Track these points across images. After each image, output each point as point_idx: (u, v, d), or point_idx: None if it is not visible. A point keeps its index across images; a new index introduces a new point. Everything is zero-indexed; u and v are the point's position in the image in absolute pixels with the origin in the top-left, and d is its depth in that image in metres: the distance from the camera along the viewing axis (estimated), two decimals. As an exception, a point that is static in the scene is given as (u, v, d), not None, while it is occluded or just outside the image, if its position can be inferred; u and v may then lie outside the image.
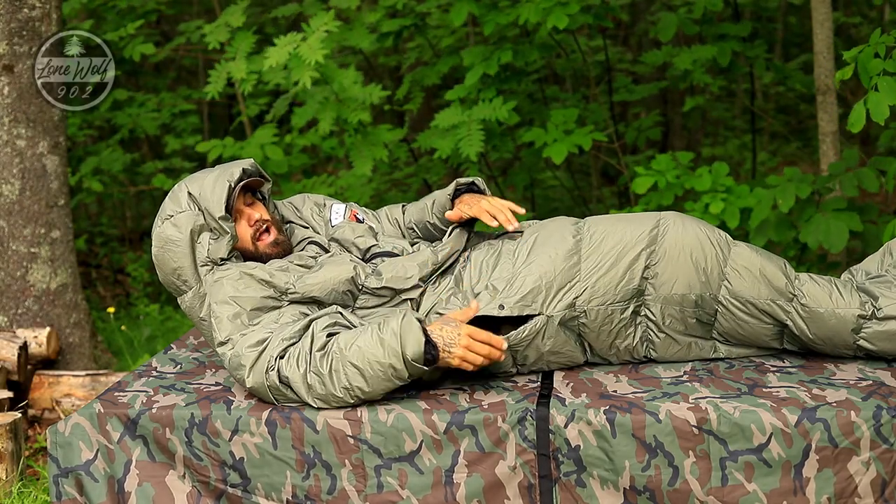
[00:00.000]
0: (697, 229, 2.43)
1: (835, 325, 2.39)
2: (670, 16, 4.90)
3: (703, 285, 2.40)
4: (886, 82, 2.89)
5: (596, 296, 2.40)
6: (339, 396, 2.24)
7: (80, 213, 6.56)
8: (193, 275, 2.48)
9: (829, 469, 2.14)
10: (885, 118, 2.86)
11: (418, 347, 2.18)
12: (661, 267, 2.40)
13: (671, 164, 4.34)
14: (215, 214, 2.48)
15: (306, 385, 2.26)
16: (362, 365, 2.21)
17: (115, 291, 5.98)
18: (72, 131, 6.00)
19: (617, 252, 2.41)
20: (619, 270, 2.40)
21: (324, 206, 2.81)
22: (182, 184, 2.56)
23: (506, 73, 4.78)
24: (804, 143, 8.00)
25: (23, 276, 3.89)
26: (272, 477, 2.27)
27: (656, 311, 2.42)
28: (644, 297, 2.42)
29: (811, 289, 2.41)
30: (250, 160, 2.65)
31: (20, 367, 3.53)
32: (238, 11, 4.59)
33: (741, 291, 2.40)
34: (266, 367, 2.29)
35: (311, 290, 2.44)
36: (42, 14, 3.90)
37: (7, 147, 3.86)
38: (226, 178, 2.53)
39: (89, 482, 2.31)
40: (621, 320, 2.42)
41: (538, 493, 2.21)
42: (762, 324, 2.43)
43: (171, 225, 2.49)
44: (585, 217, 2.60)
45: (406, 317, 2.23)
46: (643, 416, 2.18)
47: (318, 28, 4.09)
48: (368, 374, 2.22)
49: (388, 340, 2.21)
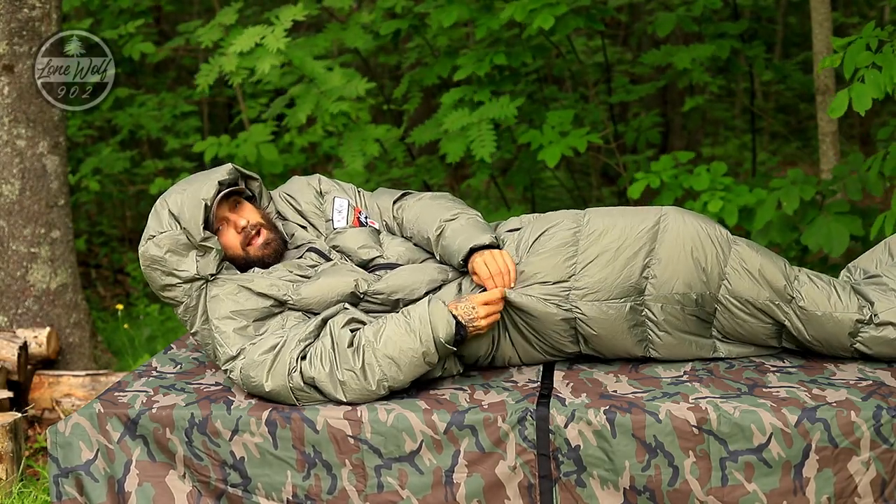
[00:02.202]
0: (699, 226, 2.42)
1: (832, 328, 2.39)
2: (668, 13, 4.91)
3: (703, 284, 2.40)
4: (873, 75, 2.90)
5: (591, 291, 2.40)
6: (372, 390, 2.26)
7: (80, 214, 6.56)
8: (182, 292, 2.47)
9: (829, 469, 2.14)
10: (866, 109, 2.88)
11: (450, 329, 2.28)
12: (662, 266, 2.40)
13: (670, 163, 4.35)
14: (195, 237, 2.47)
15: (335, 382, 2.26)
16: (396, 355, 2.25)
17: (115, 291, 5.98)
18: (71, 131, 6.00)
19: (615, 248, 2.41)
20: (616, 267, 2.40)
21: (322, 196, 2.73)
22: (163, 200, 2.53)
23: (502, 75, 4.78)
24: (804, 143, 8.00)
25: (23, 276, 3.89)
26: (272, 477, 2.27)
27: (656, 310, 2.42)
28: (644, 296, 2.41)
29: (810, 291, 2.41)
30: (228, 166, 2.61)
31: (20, 367, 3.53)
32: (232, 11, 4.65)
33: (741, 291, 2.40)
34: (288, 369, 2.28)
35: (308, 302, 2.44)
36: (42, 14, 3.90)
37: (7, 147, 3.86)
38: (200, 196, 2.49)
39: (89, 482, 2.31)
40: (618, 317, 2.41)
41: (538, 493, 2.21)
42: (760, 322, 2.43)
43: (154, 245, 2.47)
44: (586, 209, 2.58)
45: (432, 303, 2.31)
46: (643, 416, 2.18)
47: (286, 19, 4.23)
48: (403, 363, 2.26)
49: (418, 328, 2.27)
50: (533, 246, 2.46)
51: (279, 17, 4.30)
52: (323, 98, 4.40)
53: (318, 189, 2.75)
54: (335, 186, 2.76)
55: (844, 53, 3.00)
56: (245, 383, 2.35)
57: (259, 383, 2.31)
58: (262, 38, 4.19)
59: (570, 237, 2.44)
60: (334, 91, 4.40)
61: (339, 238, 2.62)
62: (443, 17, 4.50)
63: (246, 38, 4.23)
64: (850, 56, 2.98)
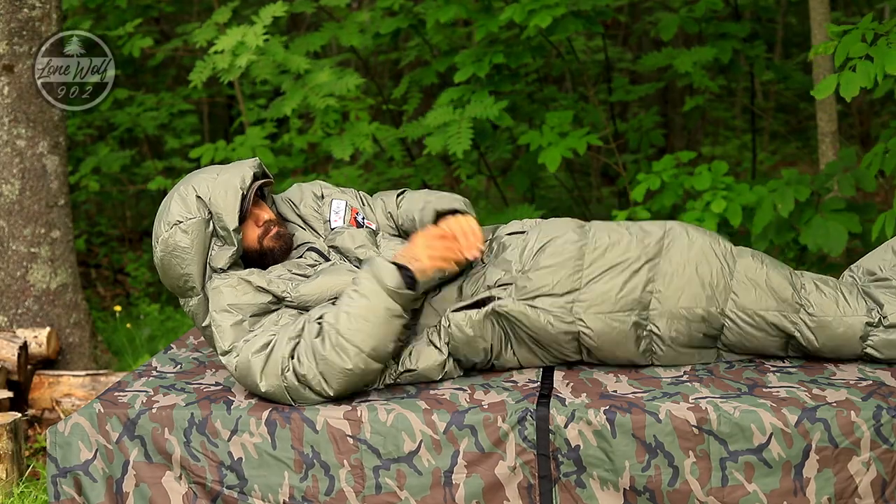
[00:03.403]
0: (703, 242, 2.42)
1: (843, 332, 2.38)
2: (671, 15, 4.90)
3: (709, 299, 2.38)
4: (865, 66, 2.92)
5: (595, 303, 2.39)
6: (350, 368, 2.25)
7: (80, 214, 6.56)
8: (201, 281, 2.47)
9: (830, 469, 2.13)
10: (852, 97, 2.92)
11: (394, 275, 2.27)
12: (666, 281, 2.39)
13: (671, 163, 4.34)
14: (229, 225, 2.45)
15: (320, 377, 2.25)
16: (359, 324, 2.24)
17: (115, 291, 5.98)
18: (71, 131, 5.99)
19: (620, 262, 2.40)
20: (620, 280, 2.39)
21: (321, 199, 2.74)
22: (189, 185, 2.49)
23: (500, 75, 4.79)
24: (804, 143, 8.00)
25: (23, 276, 3.89)
26: (270, 478, 2.27)
27: (662, 325, 2.40)
28: (649, 311, 2.40)
29: (817, 298, 2.40)
30: (255, 160, 2.61)
31: (20, 367, 3.53)
32: (227, 10, 4.70)
33: (748, 304, 2.39)
34: (280, 368, 2.28)
35: (307, 300, 2.44)
36: (42, 14, 3.90)
37: (7, 147, 3.86)
38: (237, 183, 2.48)
39: (88, 482, 2.31)
40: (622, 330, 2.40)
41: (538, 494, 2.21)
42: (769, 336, 2.42)
43: (181, 231, 2.43)
44: (590, 221, 2.58)
45: (368, 262, 2.34)
46: (643, 416, 2.18)
47: (266, 17, 4.34)
48: (369, 328, 2.24)
49: (367, 289, 2.27)
50: (537, 257, 2.45)
51: (259, 14, 4.40)
52: (311, 94, 4.43)
53: (317, 194, 2.76)
54: (335, 190, 2.78)
55: (839, 42, 3.01)
56: (241, 382, 2.36)
57: (254, 383, 2.31)
58: (243, 36, 4.29)
59: (576, 251, 2.43)
60: (323, 87, 4.44)
61: (336, 238, 2.63)
62: (439, 13, 4.52)
63: (229, 38, 4.32)
64: (843, 45, 3.00)
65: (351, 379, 2.27)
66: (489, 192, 6.82)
